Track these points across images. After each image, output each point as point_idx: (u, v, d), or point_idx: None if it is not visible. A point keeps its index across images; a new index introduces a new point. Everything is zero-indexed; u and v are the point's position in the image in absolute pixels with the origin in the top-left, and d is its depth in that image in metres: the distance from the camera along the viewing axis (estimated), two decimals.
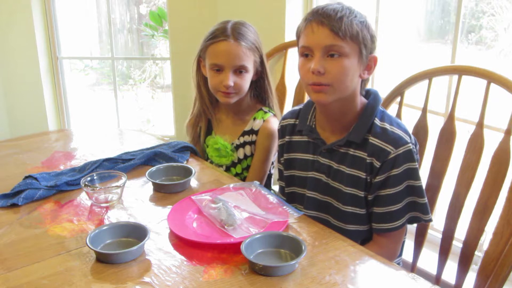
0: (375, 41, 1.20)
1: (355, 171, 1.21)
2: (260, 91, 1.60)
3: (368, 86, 1.29)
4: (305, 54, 1.18)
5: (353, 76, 1.17)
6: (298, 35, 1.23)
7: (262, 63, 1.56)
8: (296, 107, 1.37)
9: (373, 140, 1.18)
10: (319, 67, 1.14)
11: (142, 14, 4.64)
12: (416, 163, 1.18)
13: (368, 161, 1.19)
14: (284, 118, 1.38)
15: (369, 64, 1.20)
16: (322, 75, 1.14)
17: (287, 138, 1.35)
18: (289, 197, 1.37)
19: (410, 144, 1.17)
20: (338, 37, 1.12)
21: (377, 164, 1.17)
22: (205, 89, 1.60)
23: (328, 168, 1.25)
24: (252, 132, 1.57)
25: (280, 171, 1.41)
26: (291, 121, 1.35)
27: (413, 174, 1.18)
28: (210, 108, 1.63)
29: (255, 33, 1.55)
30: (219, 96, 1.54)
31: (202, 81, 1.59)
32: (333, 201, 1.26)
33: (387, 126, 1.19)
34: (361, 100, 1.24)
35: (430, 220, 1.22)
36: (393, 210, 1.18)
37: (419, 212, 1.20)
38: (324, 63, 1.14)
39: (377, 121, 1.20)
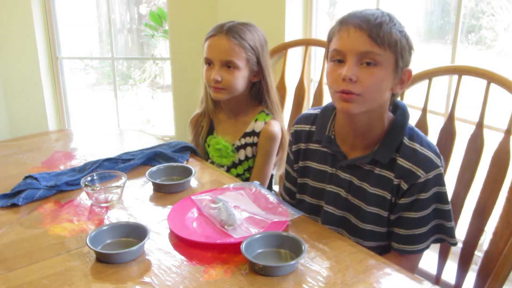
0: (412, 53, 1.11)
1: (380, 191, 1.15)
2: (259, 93, 1.59)
3: None
4: (337, 59, 1.10)
5: (385, 88, 1.09)
6: (330, 38, 1.14)
7: (259, 64, 1.55)
8: (311, 112, 1.29)
9: (401, 161, 1.11)
10: (351, 74, 1.05)
11: (142, 14, 4.64)
12: (445, 187, 1.13)
13: (395, 182, 1.12)
14: (298, 123, 1.30)
15: (402, 78, 1.11)
16: (353, 83, 1.06)
17: (303, 146, 1.28)
18: (298, 204, 1.31)
19: (441, 168, 1.11)
20: (375, 44, 1.05)
21: (404, 186, 1.11)
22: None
23: (349, 184, 1.19)
24: (253, 133, 1.57)
25: (289, 175, 1.35)
26: (307, 127, 1.27)
27: (442, 198, 1.12)
28: (212, 108, 1.64)
29: (256, 35, 1.54)
30: (211, 92, 1.55)
31: None
32: (351, 217, 1.20)
33: (417, 147, 1.12)
34: (388, 115, 1.16)
35: (455, 244, 1.16)
36: (417, 234, 1.13)
37: (445, 235, 1.15)
38: (357, 70, 1.06)
39: (406, 141, 1.12)
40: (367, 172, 1.16)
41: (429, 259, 1.56)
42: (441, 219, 1.14)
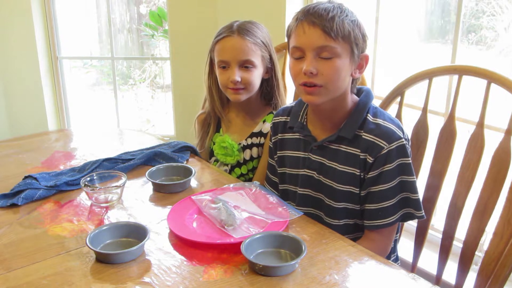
0: (366, 40, 1.19)
1: (348, 168, 1.20)
2: (270, 90, 1.58)
3: (369, 86, 1.29)
4: (297, 55, 1.17)
5: (345, 76, 1.16)
6: (288, 35, 1.21)
7: (271, 60, 1.54)
8: (289, 105, 1.37)
9: (365, 135, 1.18)
10: (311, 68, 1.13)
11: (142, 14, 4.64)
12: (409, 159, 1.18)
13: (361, 157, 1.18)
14: (276, 116, 1.37)
15: (360, 63, 1.19)
16: (314, 75, 1.13)
17: (279, 136, 1.35)
18: (282, 194, 1.36)
19: (403, 139, 1.17)
20: (330, 37, 1.11)
21: (370, 159, 1.17)
22: (217, 91, 1.58)
23: (320, 165, 1.25)
24: (261, 134, 1.56)
25: (272, 166, 1.40)
26: (283, 118, 1.34)
27: (406, 169, 1.17)
28: (220, 110, 1.61)
29: (264, 31, 1.53)
30: (228, 94, 1.52)
31: (214, 84, 1.58)
32: (324, 198, 1.26)
33: (380, 121, 1.18)
34: (352, 98, 1.24)
35: (423, 217, 1.21)
36: (385, 206, 1.18)
37: (412, 208, 1.20)
38: (316, 64, 1.13)
39: (369, 117, 1.20)
40: (335, 151, 1.22)
41: (429, 259, 1.56)
42: (407, 191, 1.19)
